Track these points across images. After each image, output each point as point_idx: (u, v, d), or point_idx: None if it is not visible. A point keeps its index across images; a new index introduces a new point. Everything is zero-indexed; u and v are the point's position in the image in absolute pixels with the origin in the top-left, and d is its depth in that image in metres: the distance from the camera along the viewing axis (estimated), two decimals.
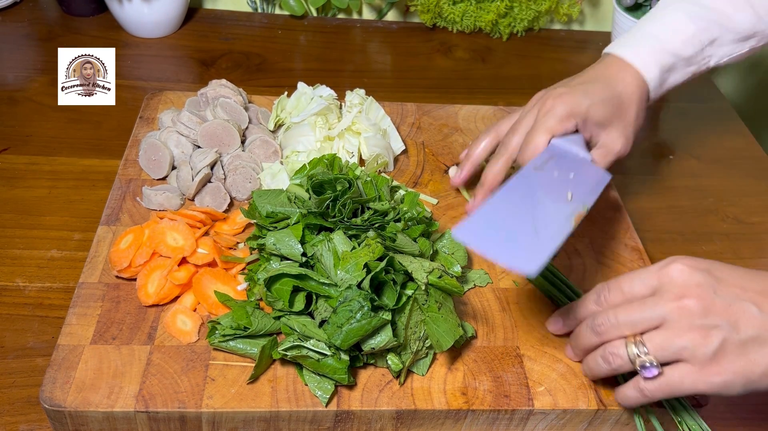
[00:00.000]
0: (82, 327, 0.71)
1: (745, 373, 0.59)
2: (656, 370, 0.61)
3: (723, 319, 0.59)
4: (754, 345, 0.59)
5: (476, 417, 0.70)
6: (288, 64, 1.24)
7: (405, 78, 1.24)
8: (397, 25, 1.37)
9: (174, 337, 0.71)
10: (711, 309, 0.59)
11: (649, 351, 0.61)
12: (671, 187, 1.06)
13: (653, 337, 0.61)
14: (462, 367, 0.72)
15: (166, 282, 0.74)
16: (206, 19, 1.32)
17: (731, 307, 0.59)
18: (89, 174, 0.97)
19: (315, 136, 0.91)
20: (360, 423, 0.69)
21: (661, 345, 0.61)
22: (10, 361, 0.74)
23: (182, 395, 0.66)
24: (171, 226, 0.77)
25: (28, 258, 0.84)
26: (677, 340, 0.60)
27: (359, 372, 0.70)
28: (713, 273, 0.61)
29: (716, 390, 0.60)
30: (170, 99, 1.01)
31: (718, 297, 0.60)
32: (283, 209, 0.76)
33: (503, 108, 1.08)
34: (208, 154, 0.86)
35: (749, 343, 0.59)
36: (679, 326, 0.60)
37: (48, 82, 1.12)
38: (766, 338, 0.59)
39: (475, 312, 0.78)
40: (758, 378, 0.59)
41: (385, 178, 0.83)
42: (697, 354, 0.59)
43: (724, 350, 0.59)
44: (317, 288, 0.69)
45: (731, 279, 0.61)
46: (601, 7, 1.40)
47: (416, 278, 0.69)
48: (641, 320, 0.62)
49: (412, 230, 0.75)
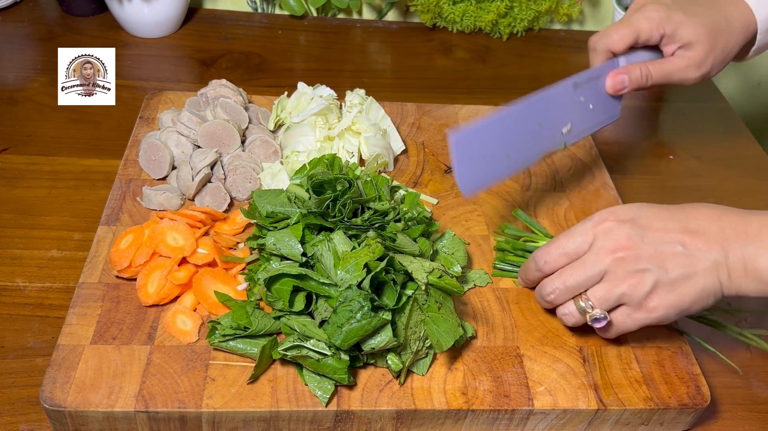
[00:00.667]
0: (82, 327, 0.71)
1: (678, 305, 0.67)
2: (604, 320, 0.69)
3: (652, 263, 0.66)
4: (682, 280, 0.66)
5: (476, 417, 0.70)
6: (288, 64, 1.24)
7: (405, 78, 1.24)
8: (397, 25, 1.37)
9: (174, 337, 0.71)
10: (641, 256, 0.66)
11: (595, 305, 0.69)
12: (671, 187, 1.06)
13: (595, 292, 0.69)
14: (462, 367, 0.72)
15: (166, 282, 0.74)
16: (206, 19, 1.32)
17: (658, 250, 0.66)
18: (89, 174, 0.97)
19: (315, 136, 0.91)
20: (360, 423, 0.69)
21: (604, 297, 0.68)
22: (10, 361, 0.74)
23: (182, 395, 0.66)
24: (171, 226, 0.77)
25: (28, 258, 0.84)
26: (616, 289, 0.67)
27: (359, 372, 0.70)
28: (638, 222, 0.68)
29: (656, 322, 0.68)
30: (170, 99, 1.01)
31: (645, 244, 0.67)
32: (283, 209, 0.76)
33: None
34: (208, 154, 0.86)
35: (678, 280, 0.66)
36: (615, 276, 0.67)
37: (48, 82, 1.12)
38: (690, 273, 0.66)
39: (475, 312, 0.78)
40: (689, 306, 0.67)
41: (385, 178, 0.83)
42: (635, 297, 0.67)
43: (657, 289, 0.66)
44: (317, 288, 0.69)
45: (655, 223, 0.68)
46: (601, 7, 1.40)
47: (416, 278, 0.69)
48: (586, 280, 0.69)
49: (412, 230, 0.75)
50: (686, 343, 0.77)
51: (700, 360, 0.79)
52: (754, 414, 0.77)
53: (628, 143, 1.15)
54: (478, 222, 0.89)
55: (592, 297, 0.69)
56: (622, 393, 0.71)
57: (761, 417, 0.77)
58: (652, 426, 0.73)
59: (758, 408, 0.78)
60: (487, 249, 0.85)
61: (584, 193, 0.94)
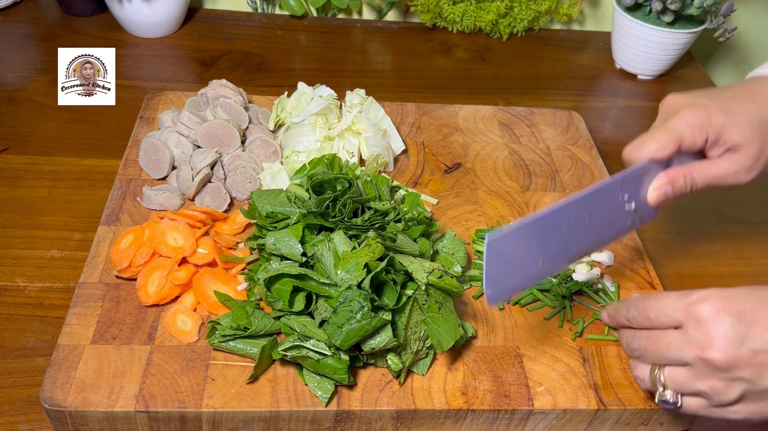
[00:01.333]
0: (82, 327, 0.71)
1: (762, 412, 0.59)
2: (674, 406, 0.62)
3: (747, 371, 0.57)
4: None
5: (476, 417, 0.70)
6: (288, 64, 1.24)
7: (405, 78, 1.24)
8: (397, 25, 1.37)
9: (174, 337, 0.71)
10: (735, 363, 0.57)
11: (668, 386, 0.61)
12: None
13: (675, 376, 0.61)
14: (462, 367, 0.72)
15: (166, 282, 0.74)
16: (206, 19, 1.32)
17: (758, 357, 0.56)
18: (89, 174, 0.96)
19: (315, 136, 0.91)
20: (360, 423, 0.69)
21: (682, 385, 0.60)
22: (10, 361, 0.74)
23: (182, 395, 0.66)
24: (171, 226, 0.77)
25: (28, 258, 0.84)
26: (696, 384, 0.59)
27: (359, 372, 0.70)
28: (745, 318, 0.57)
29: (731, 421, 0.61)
30: (170, 99, 1.01)
31: (744, 348, 0.56)
32: (283, 209, 0.76)
33: (503, 108, 1.08)
34: (208, 154, 0.86)
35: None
36: (699, 373, 0.59)
37: (48, 82, 1.12)
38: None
39: (475, 312, 0.78)
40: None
41: (385, 178, 0.83)
42: (716, 400, 0.59)
43: (744, 398, 0.58)
44: (317, 288, 0.69)
45: (764, 320, 0.57)
46: (601, 7, 1.40)
47: (416, 278, 0.69)
48: (665, 359, 0.61)
49: (412, 230, 0.75)
50: None
51: None
52: None
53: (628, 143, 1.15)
54: (478, 223, 0.89)
55: (668, 379, 0.61)
56: (622, 393, 0.71)
57: None
58: (652, 426, 0.73)
59: None
60: None
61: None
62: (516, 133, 1.04)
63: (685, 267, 0.93)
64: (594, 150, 1.02)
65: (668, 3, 1.15)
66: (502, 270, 0.65)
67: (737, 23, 1.40)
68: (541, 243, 0.67)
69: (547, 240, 0.68)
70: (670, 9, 1.16)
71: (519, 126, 1.05)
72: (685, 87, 1.30)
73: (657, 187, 0.71)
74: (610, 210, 0.71)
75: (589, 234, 0.71)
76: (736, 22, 1.39)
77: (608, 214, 0.71)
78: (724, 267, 0.94)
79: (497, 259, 0.64)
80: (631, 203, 0.71)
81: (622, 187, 0.71)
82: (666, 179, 0.71)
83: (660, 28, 1.19)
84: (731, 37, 1.19)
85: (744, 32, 1.43)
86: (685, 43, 1.21)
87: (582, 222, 0.69)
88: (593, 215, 0.69)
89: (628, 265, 0.85)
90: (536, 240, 0.67)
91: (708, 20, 1.20)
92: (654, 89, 1.28)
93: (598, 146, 1.05)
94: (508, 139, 1.02)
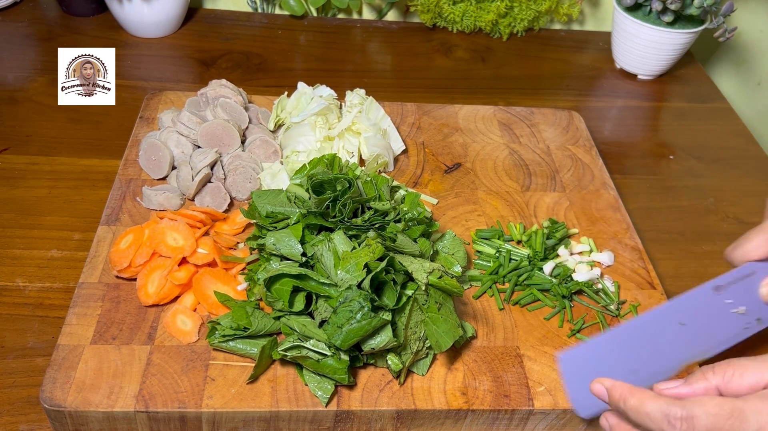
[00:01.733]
0: (82, 327, 0.71)
1: None
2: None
3: None
4: None
5: (476, 417, 0.70)
6: (288, 64, 1.24)
7: (405, 78, 1.24)
8: (397, 25, 1.37)
9: (174, 337, 0.71)
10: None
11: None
12: (671, 187, 1.06)
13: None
14: (462, 367, 0.72)
15: (166, 282, 0.74)
16: (206, 19, 1.32)
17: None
18: (89, 174, 0.96)
19: (315, 136, 0.91)
20: (360, 423, 0.69)
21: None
22: (10, 361, 0.74)
23: (182, 395, 0.66)
24: (171, 226, 0.77)
25: (28, 258, 0.84)
26: None
27: (359, 372, 0.70)
28: None
29: None
30: (170, 99, 1.01)
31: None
32: (283, 209, 0.76)
33: (503, 108, 1.08)
34: (208, 154, 0.86)
35: None
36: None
37: (48, 82, 1.12)
38: None
39: (475, 312, 0.78)
40: None
41: (385, 178, 0.83)
42: None
43: None
44: (317, 289, 0.69)
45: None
46: (601, 7, 1.40)
47: (416, 278, 0.69)
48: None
49: (412, 230, 0.75)
50: None
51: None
52: None
53: (628, 143, 1.15)
54: (478, 223, 0.89)
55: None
56: None
57: None
58: None
59: None
60: None
61: (584, 193, 0.94)
62: (516, 133, 1.04)
63: (685, 267, 0.93)
64: (594, 150, 1.02)
65: (668, 3, 1.15)
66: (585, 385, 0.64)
67: (737, 23, 1.40)
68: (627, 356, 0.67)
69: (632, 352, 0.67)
70: (670, 9, 1.16)
71: (519, 126, 1.05)
72: (685, 87, 1.30)
73: (766, 284, 0.70)
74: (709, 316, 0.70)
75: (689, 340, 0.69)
76: (736, 22, 1.39)
77: (709, 320, 0.70)
78: (724, 267, 0.94)
79: (575, 375, 0.65)
80: (738, 307, 0.71)
81: (720, 292, 0.70)
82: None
83: (660, 28, 1.19)
84: (731, 37, 1.19)
85: (744, 32, 1.43)
86: (685, 43, 1.21)
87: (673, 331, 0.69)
88: (686, 323, 0.69)
89: (628, 265, 0.85)
90: (617, 354, 0.67)
91: (708, 20, 1.20)
92: (654, 89, 1.28)
93: (598, 146, 1.05)
94: (508, 139, 1.02)
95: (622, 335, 0.68)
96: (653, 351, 0.69)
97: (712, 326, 0.71)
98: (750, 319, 0.71)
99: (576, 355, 0.66)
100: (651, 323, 0.68)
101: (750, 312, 0.71)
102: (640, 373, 0.68)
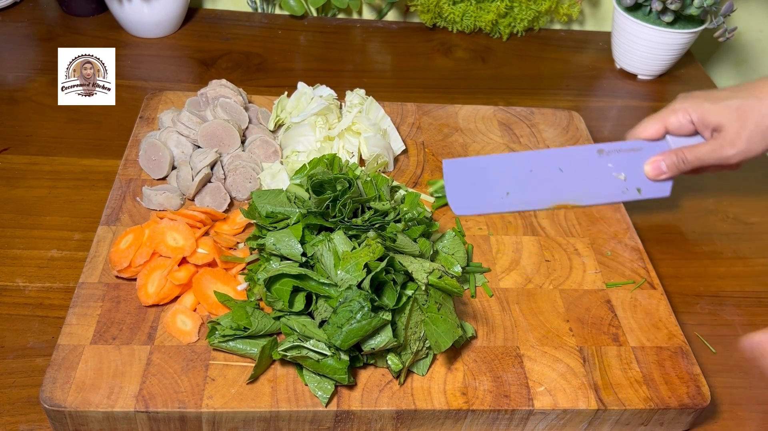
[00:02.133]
0: (82, 327, 0.71)
1: None
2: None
3: None
4: None
5: (476, 417, 0.70)
6: (288, 64, 1.24)
7: (405, 78, 1.24)
8: (397, 25, 1.37)
9: (174, 337, 0.71)
10: None
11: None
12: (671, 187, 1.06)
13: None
14: (462, 367, 0.72)
15: (166, 282, 0.74)
16: (206, 19, 1.32)
17: None
18: (89, 174, 0.96)
19: (315, 136, 0.91)
20: (360, 423, 0.69)
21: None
22: (10, 361, 0.74)
23: (182, 395, 0.66)
24: (171, 226, 0.77)
25: (28, 258, 0.84)
26: None
27: (359, 372, 0.70)
28: None
29: None
30: (170, 99, 1.01)
31: None
32: (283, 209, 0.76)
33: (503, 108, 1.08)
34: (208, 154, 0.86)
35: None
36: None
37: (48, 82, 1.12)
38: None
39: (475, 312, 0.78)
40: None
41: (385, 178, 0.83)
42: None
43: None
44: (317, 289, 0.69)
45: None
46: (601, 7, 1.40)
47: (416, 278, 0.69)
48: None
49: (412, 230, 0.75)
50: (686, 343, 0.77)
51: (700, 360, 0.79)
52: (754, 414, 0.77)
53: None
54: (477, 222, 0.89)
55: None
56: (622, 393, 0.71)
57: (761, 417, 0.77)
58: (652, 426, 0.73)
59: (758, 408, 0.78)
60: (487, 249, 0.85)
61: None
62: (516, 133, 1.04)
63: (685, 267, 0.93)
64: None
65: (668, 3, 1.15)
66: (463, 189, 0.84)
67: (737, 23, 1.40)
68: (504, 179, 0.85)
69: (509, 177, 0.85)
70: (670, 9, 1.16)
71: (519, 126, 1.05)
72: (685, 87, 1.30)
73: (651, 161, 0.87)
74: (588, 171, 0.86)
75: (564, 184, 0.86)
76: (736, 22, 1.40)
77: (587, 174, 0.86)
78: (724, 267, 0.94)
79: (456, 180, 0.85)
80: (620, 173, 0.86)
81: (603, 155, 0.87)
82: (660, 156, 0.87)
83: (660, 28, 1.19)
84: (731, 37, 1.19)
85: (744, 32, 1.43)
86: (685, 43, 1.21)
87: (551, 172, 0.86)
88: (564, 170, 0.85)
89: (628, 265, 0.85)
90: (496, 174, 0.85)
91: (708, 20, 1.20)
92: (654, 89, 1.28)
93: None
94: (508, 139, 1.02)
95: (505, 160, 0.87)
96: (529, 182, 0.86)
97: (589, 180, 0.87)
98: (630, 186, 0.87)
99: (459, 164, 0.85)
100: (533, 159, 0.86)
101: (630, 181, 0.87)
102: (512, 197, 0.86)
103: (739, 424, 0.76)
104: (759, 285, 0.92)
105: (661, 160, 0.86)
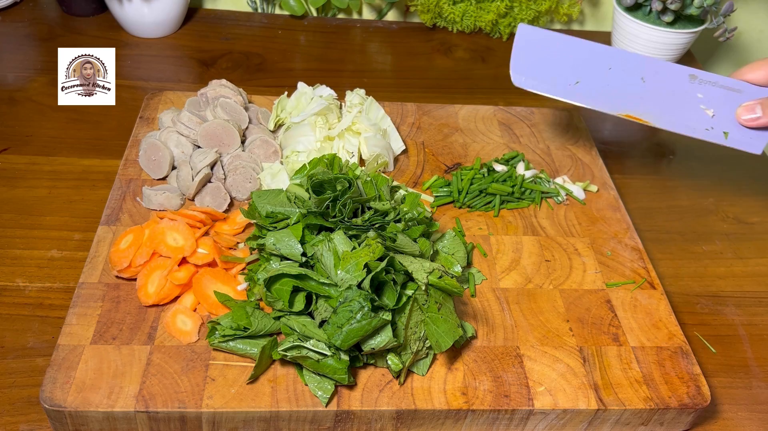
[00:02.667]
0: (82, 327, 0.71)
1: None
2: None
3: None
4: None
5: (476, 417, 0.70)
6: (288, 64, 1.24)
7: (405, 78, 1.24)
8: (397, 25, 1.37)
9: (174, 337, 0.71)
10: None
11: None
12: (671, 187, 1.06)
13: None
14: (462, 367, 0.72)
15: (166, 282, 0.74)
16: (206, 19, 1.32)
17: None
18: (89, 174, 0.97)
19: (315, 136, 0.91)
20: (360, 423, 0.69)
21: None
22: (10, 361, 0.74)
23: (182, 395, 0.66)
24: (171, 226, 0.77)
25: (28, 258, 0.84)
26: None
27: (359, 372, 0.70)
28: None
29: None
30: (170, 99, 1.01)
31: None
32: (283, 209, 0.76)
33: (503, 108, 1.08)
34: (208, 154, 0.86)
35: None
36: None
37: (48, 82, 1.12)
38: None
39: (475, 312, 0.78)
40: None
41: (385, 178, 0.83)
42: None
43: None
44: (317, 289, 0.69)
45: None
46: (601, 7, 1.40)
47: (416, 278, 0.69)
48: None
49: (412, 230, 0.75)
50: (686, 343, 0.77)
51: (700, 360, 0.79)
52: (754, 414, 0.77)
53: (628, 143, 1.15)
54: (477, 222, 0.89)
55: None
56: (622, 393, 0.71)
57: (761, 417, 0.77)
58: (652, 426, 0.73)
59: (758, 408, 0.78)
60: (487, 249, 0.85)
61: (584, 193, 0.94)
62: (516, 132, 1.04)
63: (685, 267, 0.93)
64: (594, 150, 1.02)
65: (668, 3, 1.15)
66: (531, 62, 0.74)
67: (737, 23, 1.40)
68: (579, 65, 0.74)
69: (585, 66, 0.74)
70: (670, 9, 1.16)
71: (519, 126, 1.05)
72: None
73: (746, 105, 0.76)
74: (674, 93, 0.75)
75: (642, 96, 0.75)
76: (736, 22, 1.39)
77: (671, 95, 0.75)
78: (724, 267, 0.94)
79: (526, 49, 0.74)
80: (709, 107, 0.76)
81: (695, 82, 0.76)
82: (758, 101, 0.75)
83: (660, 28, 1.19)
84: (731, 37, 1.19)
85: (744, 32, 1.43)
86: (685, 43, 1.21)
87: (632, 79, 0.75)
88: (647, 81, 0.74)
89: (628, 265, 0.85)
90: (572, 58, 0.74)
91: (708, 20, 1.20)
92: None
93: (598, 146, 1.05)
94: (508, 139, 1.02)
95: (586, 47, 0.75)
96: (605, 79, 0.75)
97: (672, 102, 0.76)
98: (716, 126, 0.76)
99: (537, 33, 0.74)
100: (617, 57, 0.75)
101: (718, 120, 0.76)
102: (581, 87, 0.75)
103: (739, 424, 0.76)
104: (759, 285, 0.92)
105: (758, 104, 0.75)
